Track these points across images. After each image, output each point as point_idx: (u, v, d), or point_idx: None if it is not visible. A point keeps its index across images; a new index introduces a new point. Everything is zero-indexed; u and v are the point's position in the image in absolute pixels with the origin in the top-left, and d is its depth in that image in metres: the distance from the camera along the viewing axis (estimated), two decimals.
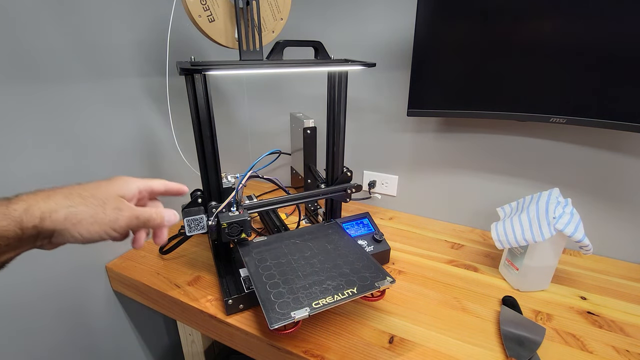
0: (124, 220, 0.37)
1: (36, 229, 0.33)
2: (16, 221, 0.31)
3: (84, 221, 0.34)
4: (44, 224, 0.33)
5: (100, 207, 0.36)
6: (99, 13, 0.67)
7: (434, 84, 0.78)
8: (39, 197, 0.34)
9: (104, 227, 0.36)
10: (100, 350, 0.79)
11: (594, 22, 0.62)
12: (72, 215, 0.34)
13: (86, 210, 0.35)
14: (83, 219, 0.34)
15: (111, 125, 0.73)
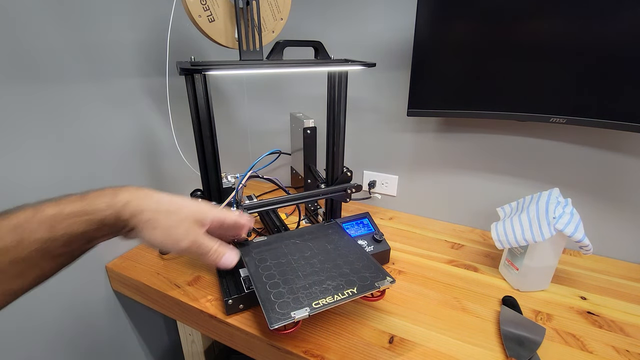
0: (186, 244, 0.41)
1: (125, 222, 0.36)
2: (116, 212, 0.35)
3: (159, 229, 0.38)
4: (130, 220, 0.36)
5: (176, 223, 0.39)
6: (99, 13, 0.67)
7: (434, 84, 0.78)
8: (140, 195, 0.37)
9: (169, 242, 0.39)
10: (100, 350, 0.79)
11: (594, 22, 0.62)
12: (153, 222, 0.38)
13: (165, 223, 0.38)
14: (158, 228, 0.38)
15: (111, 125, 0.73)
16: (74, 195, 0.34)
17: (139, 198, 0.37)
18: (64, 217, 0.32)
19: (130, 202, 0.36)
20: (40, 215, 0.31)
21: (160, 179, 0.87)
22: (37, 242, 0.30)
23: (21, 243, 0.29)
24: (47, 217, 0.31)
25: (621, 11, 0.59)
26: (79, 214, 0.33)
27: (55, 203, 0.33)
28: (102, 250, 0.76)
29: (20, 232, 0.29)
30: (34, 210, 0.31)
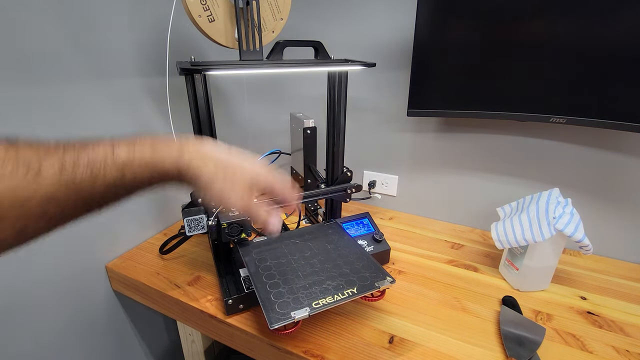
0: (236, 206, 0.40)
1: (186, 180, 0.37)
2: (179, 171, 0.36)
3: (214, 188, 0.38)
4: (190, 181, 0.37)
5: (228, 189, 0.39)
6: (99, 13, 0.67)
7: (434, 84, 0.78)
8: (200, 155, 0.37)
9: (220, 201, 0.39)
10: (100, 350, 0.79)
11: (594, 22, 0.62)
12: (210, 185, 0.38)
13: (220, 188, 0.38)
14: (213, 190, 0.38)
15: (111, 125, 0.73)
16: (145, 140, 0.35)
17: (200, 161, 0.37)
18: (134, 168, 0.33)
19: (192, 164, 0.36)
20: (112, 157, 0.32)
21: None
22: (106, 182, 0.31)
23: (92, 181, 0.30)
24: (119, 161, 0.32)
25: (621, 11, 0.59)
26: (148, 164, 0.33)
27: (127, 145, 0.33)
28: (102, 250, 0.76)
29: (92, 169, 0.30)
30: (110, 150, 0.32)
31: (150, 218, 0.87)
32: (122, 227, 0.79)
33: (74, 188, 0.29)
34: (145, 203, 0.84)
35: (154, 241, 0.86)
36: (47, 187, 0.27)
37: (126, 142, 0.34)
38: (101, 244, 0.75)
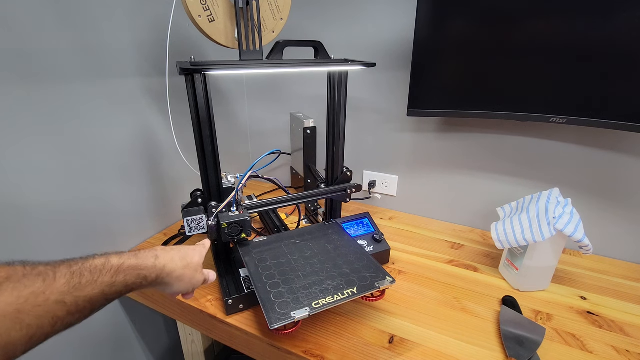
0: (200, 283, 0.52)
1: (162, 280, 0.45)
2: (158, 273, 0.44)
3: (184, 282, 0.48)
4: (165, 278, 0.45)
5: (194, 273, 0.50)
6: (99, 13, 0.67)
7: (434, 84, 0.78)
8: (169, 258, 0.47)
9: (190, 287, 0.50)
10: (100, 350, 0.79)
11: (594, 22, 0.62)
12: (181, 276, 0.48)
13: (188, 274, 0.49)
14: (184, 280, 0.48)
15: (111, 125, 0.73)
16: (129, 253, 0.42)
17: (170, 262, 0.46)
18: (124, 269, 0.40)
19: (166, 265, 0.45)
20: (109, 264, 0.39)
21: (160, 179, 0.87)
22: (103, 284, 0.37)
23: (93, 283, 0.36)
24: (113, 266, 0.39)
25: (621, 11, 0.59)
26: (134, 268, 0.41)
27: (118, 256, 0.41)
28: (102, 250, 0.76)
29: (94, 274, 0.37)
30: (105, 259, 0.39)
31: (150, 218, 0.87)
32: (122, 227, 0.79)
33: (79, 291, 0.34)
34: (145, 203, 0.84)
35: (154, 241, 0.86)
36: (59, 292, 0.33)
37: (116, 253, 0.41)
38: (101, 244, 0.75)
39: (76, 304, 0.34)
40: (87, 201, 0.71)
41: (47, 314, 0.32)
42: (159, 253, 0.46)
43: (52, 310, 0.32)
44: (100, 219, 0.74)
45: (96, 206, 0.73)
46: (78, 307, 0.34)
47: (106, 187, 0.74)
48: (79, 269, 0.36)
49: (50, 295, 0.32)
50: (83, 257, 0.38)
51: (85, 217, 0.71)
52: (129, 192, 0.79)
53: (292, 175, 1.11)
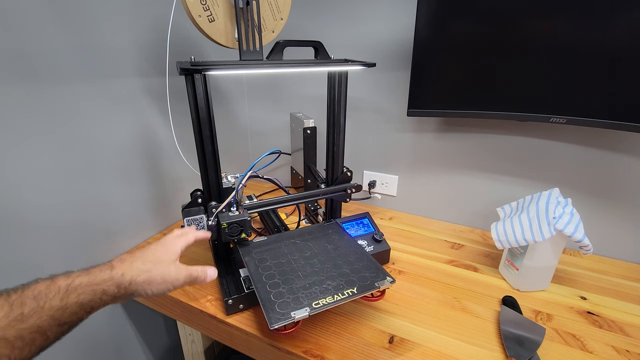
0: (182, 279, 0.47)
1: (125, 289, 0.42)
2: (117, 284, 0.40)
3: (155, 282, 0.44)
4: (130, 287, 0.42)
5: (165, 271, 0.46)
6: (99, 13, 0.67)
7: (434, 83, 0.78)
8: (127, 264, 0.43)
9: (168, 285, 0.46)
10: (100, 350, 0.79)
11: (594, 22, 0.62)
12: (148, 279, 0.44)
13: (157, 273, 0.45)
14: (154, 280, 0.44)
15: (111, 125, 0.73)
16: (79, 271, 0.39)
17: (130, 268, 0.43)
18: (74, 288, 0.36)
19: (125, 272, 0.42)
20: (54, 286, 0.35)
21: (160, 179, 0.87)
22: (52, 309, 0.34)
23: (39, 310, 0.33)
24: (61, 287, 0.35)
25: (621, 11, 0.59)
26: (87, 284, 0.37)
27: (65, 276, 0.37)
28: (102, 251, 0.76)
29: (39, 300, 0.33)
30: (50, 281, 0.36)
31: (149, 218, 0.87)
32: (122, 228, 0.79)
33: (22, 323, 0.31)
34: (145, 203, 0.84)
35: (154, 241, 0.86)
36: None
37: (64, 273, 0.38)
38: (101, 245, 0.75)
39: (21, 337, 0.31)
40: (87, 201, 0.71)
41: None
42: (115, 263, 0.43)
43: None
44: (100, 219, 0.74)
45: (96, 206, 0.73)
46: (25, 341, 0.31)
47: (106, 187, 0.74)
48: (19, 298, 0.32)
49: None
50: (24, 284, 0.35)
51: (85, 217, 0.71)
52: (128, 192, 0.79)
53: (292, 175, 1.11)
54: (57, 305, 0.34)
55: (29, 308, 0.32)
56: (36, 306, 0.32)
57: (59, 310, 0.34)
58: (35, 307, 0.32)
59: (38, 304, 0.33)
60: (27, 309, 0.32)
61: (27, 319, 0.31)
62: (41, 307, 0.33)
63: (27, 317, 0.31)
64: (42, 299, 0.33)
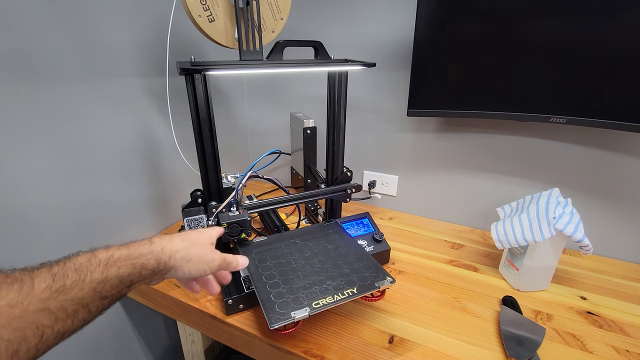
0: (218, 261, 0.48)
1: (165, 264, 0.42)
2: (156, 258, 0.41)
3: (193, 260, 0.45)
4: (169, 262, 0.42)
5: (202, 251, 0.46)
6: (99, 13, 0.67)
7: (434, 83, 0.78)
8: (166, 240, 0.44)
9: (205, 266, 0.46)
10: (100, 350, 0.79)
11: (594, 22, 0.62)
12: (187, 256, 0.44)
13: (195, 252, 0.45)
14: (192, 259, 0.45)
15: (111, 125, 0.73)
16: (118, 245, 0.39)
17: (168, 243, 0.43)
18: (114, 261, 0.37)
19: (164, 247, 0.42)
20: (95, 259, 0.36)
21: (160, 179, 0.87)
22: (93, 282, 0.34)
23: (81, 283, 0.33)
24: (101, 260, 0.36)
25: (620, 11, 0.59)
26: (126, 258, 0.38)
27: (105, 250, 0.38)
28: None
29: (80, 273, 0.34)
30: (90, 254, 0.36)
31: (150, 218, 0.87)
32: (122, 227, 0.79)
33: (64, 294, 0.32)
34: (145, 203, 0.84)
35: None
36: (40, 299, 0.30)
37: (104, 247, 0.38)
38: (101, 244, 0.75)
39: (63, 309, 0.31)
40: (87, 201, 0.71)
41: (30, 325, 0.29)
42: (155, 238, 0.43)
43: (35, 320, 0.29)
44: (100, 219, 0.74)
45: (96, 206, 0.73)
46: (67, 312, 0.31)
47: (106, 187, 0.74)
48: (61, 270, 0.33)
49: (29, 304, 0.29)
50: (66, 256, 0.35)
51: (85, 217, 0.71)
52: (128, 192, 0.79)
53: (292, 175, 1.11)
54: (98, 278, 0.34)
55: (70, 280, 0.32)
56: (77, 278, 0.33)
57: (100, 283, 0.34)
58: (77, 280, 0.33)
59: (79, 276, 0.33)
60: (69, 280, 0.32)
61: (68, 290, 0.32)
62: (82, 279, 0.33)
63: (68, 288, 0.32)
64: (84, 272, 0.34)
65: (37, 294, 0.30)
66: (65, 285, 0.32)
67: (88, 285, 0.33)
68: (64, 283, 0.32)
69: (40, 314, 0.30)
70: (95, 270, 0.35)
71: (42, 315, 0.30)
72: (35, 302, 0.29)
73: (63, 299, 0.31)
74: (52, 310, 0.30)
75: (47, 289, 0.31)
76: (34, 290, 0.30)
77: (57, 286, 0.31)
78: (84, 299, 0.33)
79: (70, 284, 0.32)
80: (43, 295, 0.30)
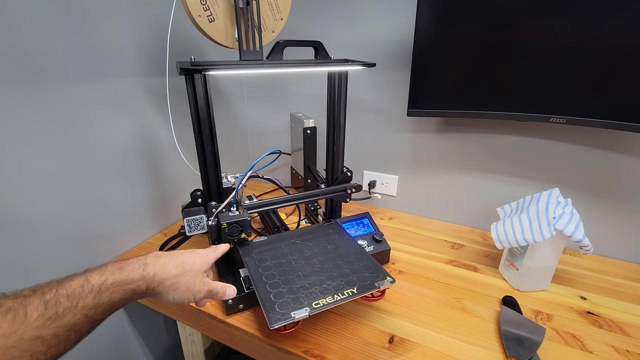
0: (203, 293, 0.48)
1: (153, 290, 0.42)
2: (147, 283, 0.41)
3: (180, 289, 0.45)
4: (157, 288, 0.42)
5: (192, 280, 0.46)
6: (99, 13, 0.67)
7: (434, 83, 0.78)
8: (160, 265, 0.43)
9: (190, 296, 0.46)
10: (100, 350, 0.79)
11: (594, 22, 0.62)
12: (175, 284, 0.44)
13: (184, 282, 0.45)
14: (179, 289, 0.45)
15: (111, 125, 0.73)
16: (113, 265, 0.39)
17: (161, 269, 0.43)
18: (107, 287, 0.37)
19: (157, 273, 0.42)
20: (88, 285, 0.35)
21: (160, 179, 0.87)
22: (85, 308, 0.34)
23: (73, 309, 0.33)
24: (94, 286, 0.36)
25: (621, 11, 0.59)
26: (119, 284, 0.38)
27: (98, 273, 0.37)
28: (102, 251, 0.76)
29: (72, 300, 0.33)
30: (83, 279, 0.36)
31: (150, 218, 0.87)
32: (123, 227, 0.79)
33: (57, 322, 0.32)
34: (145, 203, 0.84)
35: (154, 241, 0.86)
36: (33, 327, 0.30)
37: (97, 269, 0.38)
38: (101, 245, 0.75)
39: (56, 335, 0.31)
40: (87, 201, 0.71)
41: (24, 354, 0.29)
42: (149, 260, 0.43)
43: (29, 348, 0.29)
44: (100, 219, 0.74)
45: (96, 206, 0.73)
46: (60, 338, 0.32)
47: (106, 187, 0.74)
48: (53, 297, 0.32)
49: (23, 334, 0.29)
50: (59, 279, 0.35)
51: (85, 217, 0.71)
52: (129, 192, 0.79)
53: (292, 175, 1.11)
54: (90, 304, 0.35)
55: (63, 307, 0.32)
56: (70, 305, 0.33)
57: (92, 309, 0.35)
58: (69, 306, 0.33)
59: (72, 303, 0.33)
60: (61, 308, 0.32)
61: (61, 317, 0.32)
62: (75, 306, 0.33)
63: (61, 316, 0.32)
64: (76, 299, 0.34)
65: (30, 323, 0.30)
66: (57, 312, 0.32)
67: (80, 312, 0.34)
68: (56, 311, 0.32)
69: (34, 342, 0.30)
70: (87, 297, 0.35)
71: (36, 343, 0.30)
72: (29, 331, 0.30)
73: (56, 326, 0.32)
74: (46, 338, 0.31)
75: (40, 317, 0.31)
76: (27, 320, 0.30)
77: (50, 314, 0.31)
78: (76, 324, 0.33)
79: (62, 311, 0.32)
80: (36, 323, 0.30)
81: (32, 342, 0.30)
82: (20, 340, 0.29)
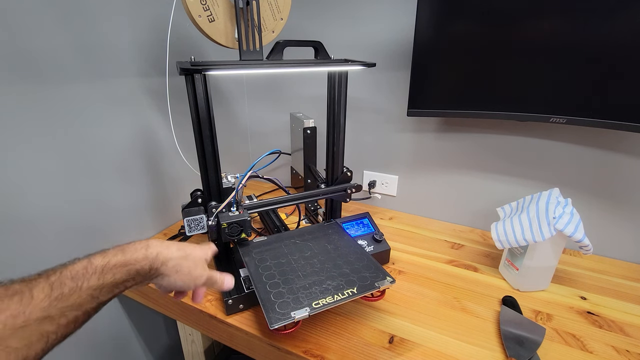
0: (204, 279, 0.48)
1: (156, 270, 0.42)
2: (150, 263, 0.41)
3: (181, 272, 0.45)
4: (160, 268, 0.43)
5: (193, 265, 0.47)
6: (99, 13, 0.67)
7: (434, 83, 0.78)
8: (163, 246, 0.44)
9: (191, 281, 0.47)
10: (100, 350, 0.79)
11: (594, 22, 0.62)
12: (177, 266, 0.45)
13: (186, 265, 0.46)
14: (182, 271, 0.45)
15: (111, 125, 0.73)
16: (115, 248, 0.40)
17: (165, 249, 0.44)
18: (110, 268, 0.38)
19: (160, 253, 0.43)
20: (92, 266, 0.37)
21: (160, 179, 0.87)
22: (90, 288, 0.35)
23: (78, 290, 0.34)
24: (97, 267, 0.37)
25: (620, 11, 0.59)
26: (122, 264, 0.39)
27: (101, 255, 0.38)
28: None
29: (76, 280, 0.35)
30: (87, 261, 0.37)
31: (150, 218, 0.87)
32: (123, 227, 0.79)
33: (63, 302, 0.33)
34: (145, 203, 0.84)
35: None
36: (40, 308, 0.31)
37: (100, 252, 0.39)
38: (101, 244, 0.75)
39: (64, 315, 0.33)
40: (87, 201, 0.71)
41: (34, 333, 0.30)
42: (152, 242, 0.43)
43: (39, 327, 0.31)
44: (100, 218, 0.74)
45: (96, 206, 0.73)
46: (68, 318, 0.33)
47: (106, 187, 0.74)
48: (58, 279, 0.34)
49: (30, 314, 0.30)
50: (63, 263, 0.36)
51: (85, 217, 0.71)
52: (129, 192, 0.79)
53: (292, 175, 1.11)
54: (95, 285, 0.36)
55: (68, 288, 0.34)
56: (75, 286, 0.34)
57: (96, 290, 0.36)
58: (74, 287, 0.34)
59: (76, 283, 0.34)
60: (66, 288, 0.33)
61: (67, 298, 0.33)
62: (79, 287, 0.34)
63: (67, 296, 0.33)
64: (80, 279, 0.35)
65: (37, 303, 0.31)
66: (63, 293, 0.33)
67: (85, 292, 0.35)
68: (62, 291, 0.33)
69: (43, 322, 0.31)
70: (91, 278, 0.36)
71: (45, 323, 0.31)
72: (37, 311, 0.31)
73: (62, 306, 0.33)
74: (54, 318, 0.32)
75: (46, 298, 0.32)
76: (33, 300, 0.31)
77: (56, 294, 0.32)
78: (82, 304, 0.34)
79: (68, 291, 0.33)
80: (43, 304, 0.31)
81: (41, 322, 0.31)
82: (28, 319, 0.30)
